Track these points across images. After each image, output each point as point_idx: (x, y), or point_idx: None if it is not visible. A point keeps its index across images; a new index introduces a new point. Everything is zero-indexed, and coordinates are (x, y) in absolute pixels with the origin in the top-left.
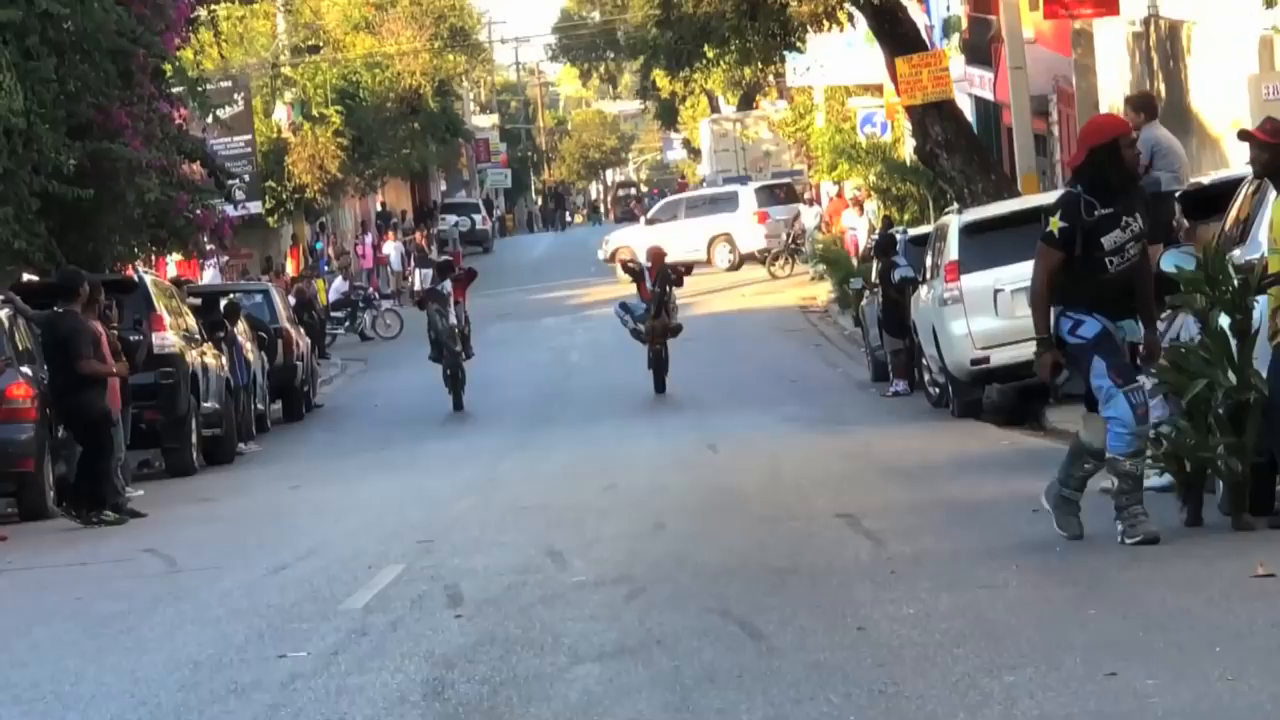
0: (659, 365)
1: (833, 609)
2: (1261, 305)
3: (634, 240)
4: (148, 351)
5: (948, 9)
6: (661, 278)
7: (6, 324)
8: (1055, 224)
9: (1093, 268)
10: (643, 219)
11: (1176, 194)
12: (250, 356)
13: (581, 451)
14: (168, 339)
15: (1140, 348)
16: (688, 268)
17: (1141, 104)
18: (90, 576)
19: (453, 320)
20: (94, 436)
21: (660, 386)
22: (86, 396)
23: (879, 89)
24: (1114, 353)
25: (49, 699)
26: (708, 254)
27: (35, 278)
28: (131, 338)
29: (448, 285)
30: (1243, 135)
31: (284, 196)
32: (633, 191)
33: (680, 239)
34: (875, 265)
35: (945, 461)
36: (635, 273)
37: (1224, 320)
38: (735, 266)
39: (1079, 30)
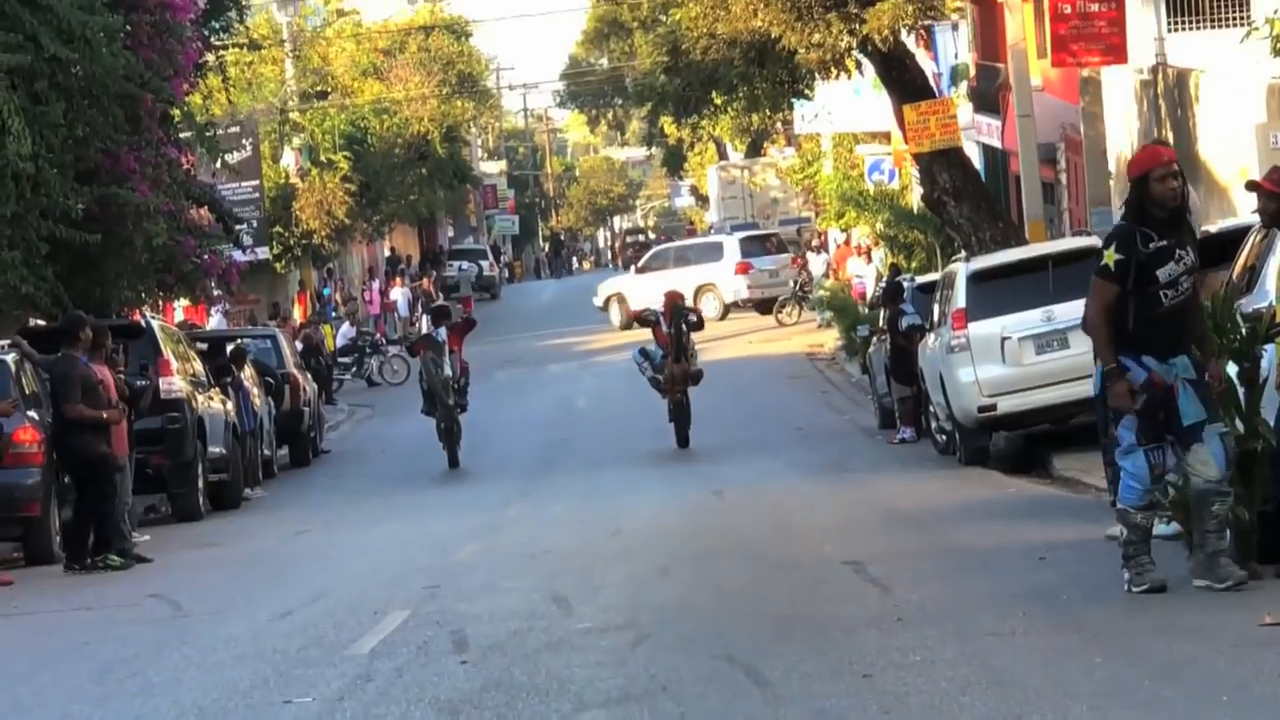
0: (680, 416)
1: (838, 656)
2: (1269, 354)
3: (625, 288)
4: (154, 396)
5: (955, 56)
6: (677, 317)
7: (14, 368)
8: (1110, 257)
9: (1147, 301)
10: (632, 267)
11: None
12: (257, 402)
13: (587, 497)
14: (174, 384)
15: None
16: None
17: None
18: (96, 621)
19: (448, 371)
20: (92, 480)
21: (683, 440)
22: (81, 440)
23: (887, 136)
24: (1148, 411)
25: None
26: (694, 303)
27: (43, 322)
28: (138, 382)
29: (443, 333)
30: (1250, 185)
31: (291, 242)
32: (640, 239)
33: (668, 288)
34: (883, 312)
35: (952, 508)
36: (649, 321)
37: (1232, 369)
38: (722, 316)
39: (1087, 78)
